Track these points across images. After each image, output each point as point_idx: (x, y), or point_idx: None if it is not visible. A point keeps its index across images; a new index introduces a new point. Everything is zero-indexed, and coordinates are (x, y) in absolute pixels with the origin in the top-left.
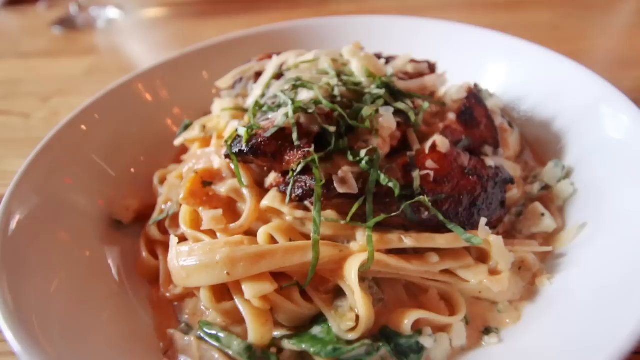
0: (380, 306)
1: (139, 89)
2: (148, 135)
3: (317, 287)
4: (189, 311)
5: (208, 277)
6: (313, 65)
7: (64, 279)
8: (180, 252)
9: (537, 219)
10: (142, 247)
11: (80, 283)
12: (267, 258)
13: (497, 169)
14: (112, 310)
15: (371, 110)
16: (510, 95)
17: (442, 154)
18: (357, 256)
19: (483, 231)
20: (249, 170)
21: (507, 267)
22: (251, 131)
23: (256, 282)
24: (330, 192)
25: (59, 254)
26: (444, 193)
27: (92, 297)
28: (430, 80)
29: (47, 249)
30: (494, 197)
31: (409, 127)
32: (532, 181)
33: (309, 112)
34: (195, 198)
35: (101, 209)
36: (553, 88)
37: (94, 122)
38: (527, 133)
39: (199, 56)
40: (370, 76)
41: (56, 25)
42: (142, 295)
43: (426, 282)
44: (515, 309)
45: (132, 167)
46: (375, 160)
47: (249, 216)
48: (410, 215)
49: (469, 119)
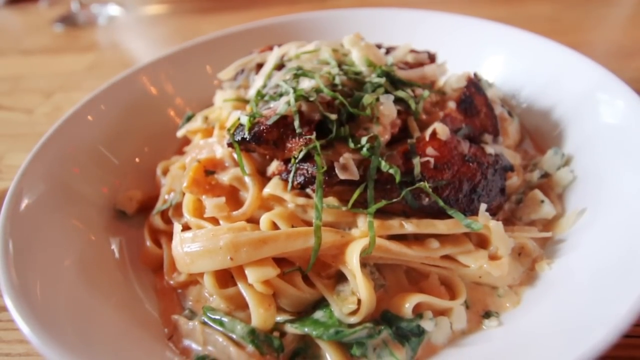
0: (382, 292)
1: (143, 81)
2: (151, 127)
3: (319, 272)
4: (193, 298)
5: (212, 262)
6: (314, 56)
7: (71, 263)
8: (184, 239)
9: (536, 205)
10: (146, 236)
11: (87, 268)
12: (270, 243)
13: (497, 157)
14: (118, 296)
15: (372, 98)
16: (509, 85)
17: (443, 141)
18: (358, 242)
19: (483, 217)
20: (251, 159)
21: (507, 252)
22: (253, 119)
23: (259, 267)
24: (332, 178)
25: (66, 238)
26: (444, 180)
27: (98, 283)
28: (430, 70)
29: (54, 233)
30: (494, 184)
31: (410, 115)
32: (532, 169)
33: (310, 100)
34: (199, 187)
35: (106, 197)
36: (552, 77)
37: (99, 112)
38: (526, 122)
39: (201, 49)
40: (371, 65)
41: (58, 22)
42: (147, 283)
43: (427, 268)
44: (515, 293)
45: (136, 157)
46: (376, 147)
47: (251, 204)
48: (410, 202)
49: (469, 108)
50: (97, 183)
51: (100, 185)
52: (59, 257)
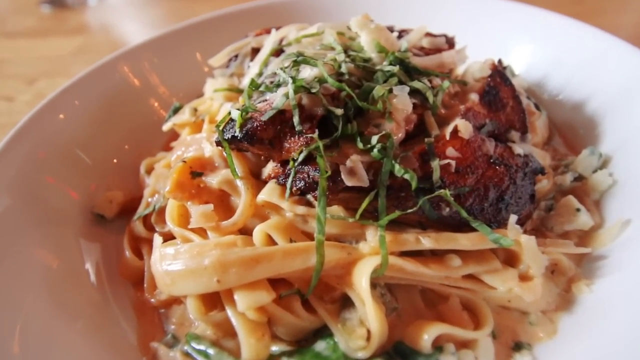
0: (394, 316)
1: (124, 70)
2: (134, 120)
3: (321, 296)
4: (176, 320)
5: (195, 284)
6: (317, 40)
7: (34, 277)
8: (164, 255)
9: (571, 214)
10: (126, 245)
11: (54, 283)
12: (264, 263)
13: (526, 158)
14: (88, 318)
15: (384, 90)
16: (536, 74)
17: (465, 141)
18: (367, 260)
19: (513, 230)
20: (244, 159)
21: (540, 272)
22: (245, 114)
23: (251, 290)
24: (337, 185)
25: (30, 259)
26: (467, 186)
27: (65, 301)
28: (449, 57)
29: (17, 253)
30: (524, 189)
31: (427, 109)
32: (563, 171)
33: (312, 92)
34: (183, 191)
35: (81, 203)
36: (584, 64)
37: (72, 107)
38: (555, 116)
39: (190, 33)
40: (382, 51)
41: (45, 3)
42: (125, 300)
43: (446, 289)
44: (550, 321)
45: (115, 156)
46: (389, 147)
47: (243, 212)
48: (429, 212)
49: (494, 100)
50: (70, 187)
51: (74, 190)
52: (20, 269)
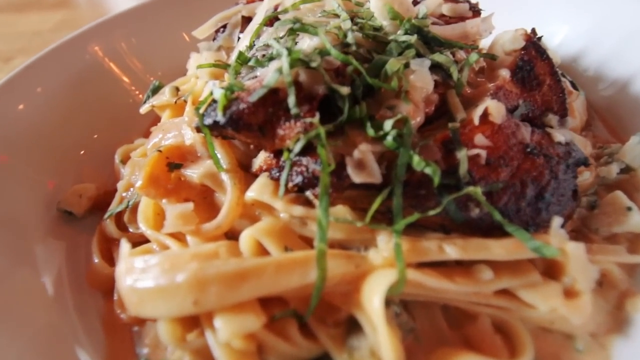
0: (411, 339)
1: (93, 48)
2: (108, 103)
3: (322, 319)
4: (150, 342)
5: (167, 306)
6: (318, 6)
7: None
8: (131, 268)
9: (620, 214)
10: (94, 248)
11: None
12: (251, 280)
13: (568, 146)
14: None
15: (399, 65)
16: (571, 48)
17: (497, 126)
18: (380, 274)
19: (557, 236)
20: (230, 149)
21: (589, 287)
22: (230, 94)
23: (236, 314)
24: (342, 180)
25: None
26: (501, 181)
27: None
28: (473, 26)
29: None
30: (566, 185)
31: (450, 88)
32: (607, 161)
33: (311, 67)
34: (158, 187)
35: (45, 195)
36: (628, 38)
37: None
38: (594, 98)
39: (170, 1)
40: (396, 18)
41: None
42: (92, 315)
43: (474, 307)
44: (602, 347)
45: (85, 143)
46: (406, 135)
47: (229, 212)
48: (454, 214)
49: (528, 77)
50: (31, 179)
51: (35, 179)
52: None
